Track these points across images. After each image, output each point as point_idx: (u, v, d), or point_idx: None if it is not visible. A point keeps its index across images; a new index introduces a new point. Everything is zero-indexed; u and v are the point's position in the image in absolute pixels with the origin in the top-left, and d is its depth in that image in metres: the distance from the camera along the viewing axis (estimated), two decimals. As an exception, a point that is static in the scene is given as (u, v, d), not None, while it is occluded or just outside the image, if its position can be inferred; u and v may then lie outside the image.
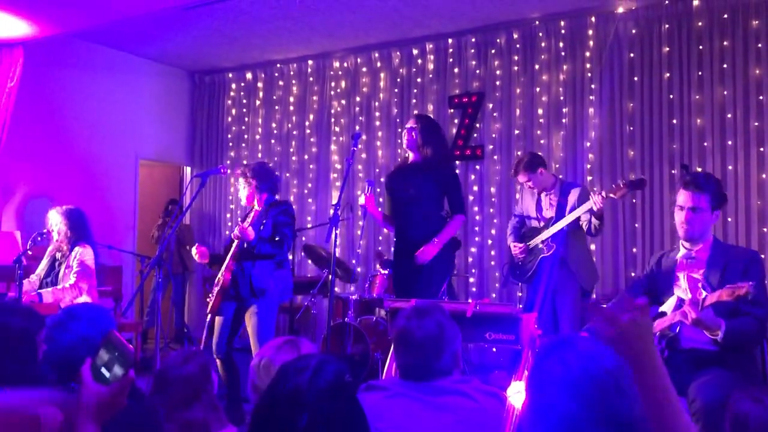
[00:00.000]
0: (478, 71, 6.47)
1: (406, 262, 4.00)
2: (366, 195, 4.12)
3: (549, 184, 4.52)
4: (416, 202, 4.02)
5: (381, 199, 5.26)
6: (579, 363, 1.31)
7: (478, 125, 6.45)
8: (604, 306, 1.41)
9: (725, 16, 5.36)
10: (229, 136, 7.98)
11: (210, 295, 4.15)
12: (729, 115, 5.31)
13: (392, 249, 4.22)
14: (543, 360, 1.37)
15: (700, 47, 5.45)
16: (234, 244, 4.13)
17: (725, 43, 5.36)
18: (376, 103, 7.01)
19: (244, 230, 3.99)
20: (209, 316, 4.18)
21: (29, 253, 4.62)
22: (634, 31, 5.74)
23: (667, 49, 5.59)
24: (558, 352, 1.35)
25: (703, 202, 2.87)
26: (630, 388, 1.30)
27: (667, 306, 2.96)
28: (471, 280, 6.34)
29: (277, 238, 4.07)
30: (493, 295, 6.02)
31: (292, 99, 7.55)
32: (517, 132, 6.24)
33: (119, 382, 1.33)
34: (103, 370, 1.33)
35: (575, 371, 1.30)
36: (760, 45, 5.23)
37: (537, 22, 6.15)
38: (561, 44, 6.07)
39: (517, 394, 3.48)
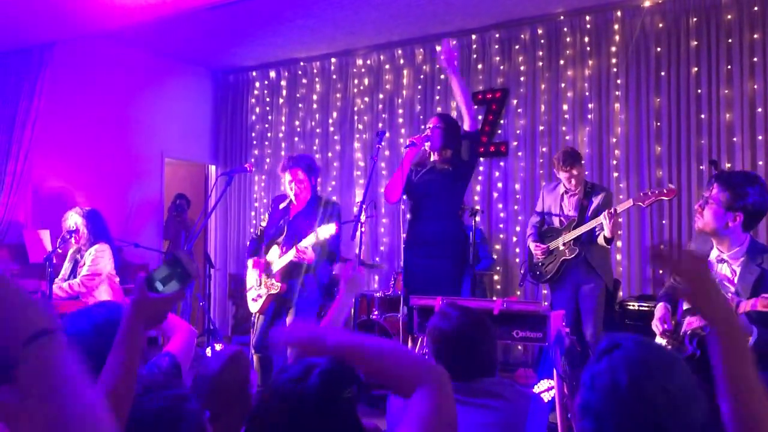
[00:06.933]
0: (502, 67, 6.43)
1: (417, 255, 3.99)
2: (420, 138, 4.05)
3: (579, 183, 4.49)
4: (432, 198, 4.02)
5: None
6: (629, 373, 1.18)
7: (502, 121, 6.41)
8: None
9: (755, 8, 5.26)
10: (253, 134, 8.02)
11: (256, 296, 4.17)
12: (759, 110, 5.22)
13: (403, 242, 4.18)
14: (594, 364, 1.24)
15: (729, 41, 5.35)
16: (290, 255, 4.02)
17: (755, 36, 5.26)
18: (399, 100, 7.01)
19: (301, 256, 3.93)
20: (256, 316, 4.21)
21: (59, 251, 4.69)
22: (660, 25, 5.66)
23: (695, 42, 5.51)
24: (609, 358, 1.22)
25: (715, 195, 2.70)
26: (688, 406, 1.17)
27: None
28: (495, 277, 6.31)
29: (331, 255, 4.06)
30: (518, 293, 5.98)
31: (315, 97, 7.57)
32: (541, 128, 6.19)
33: (171, 293, 1.42)
34: (158, 284, 1.41)
35: (622, 383, 1.17)
36: (791, 38, 5.14)
37: (561, 17, 6.09)
38: (586, 39, 6.01)
39: (545, 391, 3.46)
